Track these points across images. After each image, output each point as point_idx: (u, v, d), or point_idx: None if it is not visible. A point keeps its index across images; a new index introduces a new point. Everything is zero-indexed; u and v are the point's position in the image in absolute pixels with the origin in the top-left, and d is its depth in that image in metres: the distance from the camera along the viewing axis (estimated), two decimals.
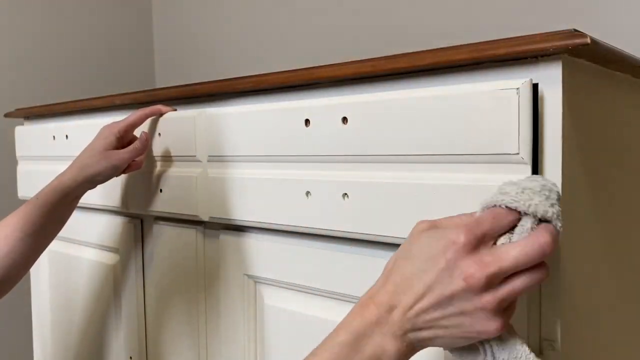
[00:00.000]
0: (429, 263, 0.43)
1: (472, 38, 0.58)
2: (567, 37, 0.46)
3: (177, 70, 1.80)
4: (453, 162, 0.53)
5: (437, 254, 0.43)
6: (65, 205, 0.80)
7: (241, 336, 0.74)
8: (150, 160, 0.86)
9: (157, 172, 0.84)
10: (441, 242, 0.43)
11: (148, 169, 0.86)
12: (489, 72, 0.53)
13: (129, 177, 0.89)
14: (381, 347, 0.43)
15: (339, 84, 0.64)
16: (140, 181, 0.87)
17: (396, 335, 0.43)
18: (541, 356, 0.50)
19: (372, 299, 0.45)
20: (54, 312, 1.14)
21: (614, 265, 0.62)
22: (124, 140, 0.82)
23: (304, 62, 1.30)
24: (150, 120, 0.85)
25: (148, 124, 0.85)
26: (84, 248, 1.04)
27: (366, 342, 0.44)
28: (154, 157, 0.85)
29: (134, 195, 0.89)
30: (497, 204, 0.44)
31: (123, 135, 0.82)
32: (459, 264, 0.42)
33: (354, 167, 0.61)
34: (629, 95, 0.65)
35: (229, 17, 1.63)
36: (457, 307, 0.42)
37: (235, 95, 0.76)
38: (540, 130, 0.49)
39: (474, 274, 0.41)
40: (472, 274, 0.41)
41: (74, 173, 0.79)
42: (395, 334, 0.43)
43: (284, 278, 0.69)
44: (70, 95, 1.56)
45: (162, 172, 0.83)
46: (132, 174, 0.88)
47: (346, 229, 0.61)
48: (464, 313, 0.42)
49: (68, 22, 1.63)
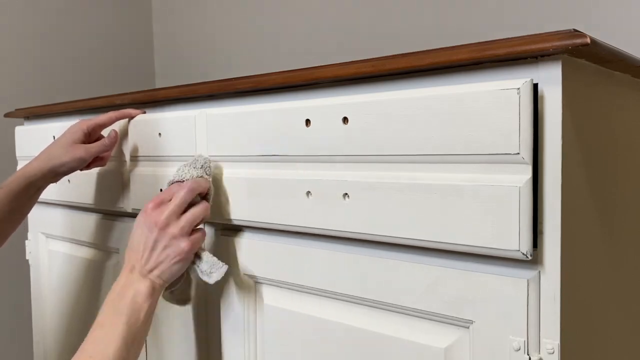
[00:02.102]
0: (139, 232, 0.67)
1: (472, 38, 0.58)
2: (567, 37, 0.46)
3: (177, 70, 1.80)
4: (453, 162, 0.53)
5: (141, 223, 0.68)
6: (28, 195, 0.84)
7: (241, 336, 0.74)
8: (151, 160, 0.86)
9: (157, 172, 0.84)
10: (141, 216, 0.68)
11: (148, 169, 0.86)
12: (489, 72, 0.53)
13: (130, 177, 0.89)
14: (135, 289, 0.65)
15: (340, 84, 0.64)
16: (140, 181, 0.87)
17: (141, 279, 0.66)
18: (541, 357, 0.50)
19: (122, 271, 0.67)
20: (54, 312, 1.14)
21: (614, 265, 0.62)
22: (91, 138, 0.87)
23: (304, 62, 1.30)
24: (122, 122, 0.88)
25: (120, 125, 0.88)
26: (84, 248, 1.04)
27: (125, 291, 0.65)
28: (154, 157, 0.85)
29: (134, 195, 0.88)
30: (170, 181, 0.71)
31: (91, 132, 0.86)
32: (149, 220, 0.66)
33: (354, 167, 0.61)
34: (628, 95, 0.65)
35: (229, 17, 1.63)
36: (162, 245, 0.66)
37: (235, 95, 0.76)
38: (540, 130, 0.49)
39: (157, 218, 0.66)
40: (156, 219, 0.66)
41: (40, 163, 0.83)
42: (140, 279, 0.66)
43: (284, 278, 0.69)
44: (70, 95, 1.56)
45: (162, 172, 0.83)
46: (133, 174, 0.88)
47: (346, 229, 0.61)
48: (167, 246, 0.66)
49: (68, 22, 1.63)
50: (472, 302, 0.53)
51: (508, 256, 0.50)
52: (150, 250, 0.66)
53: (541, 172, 0.49)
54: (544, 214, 0.49)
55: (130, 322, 0.63)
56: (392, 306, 0.59)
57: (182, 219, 0.67)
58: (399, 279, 0.58)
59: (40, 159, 0.83)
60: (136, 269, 0.66)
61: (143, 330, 0.65)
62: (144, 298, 0.65)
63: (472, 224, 0.51)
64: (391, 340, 0.59)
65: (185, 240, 0.66)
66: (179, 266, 0.67)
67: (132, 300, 0.64)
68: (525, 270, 0.50)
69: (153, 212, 0.67)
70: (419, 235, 0.55)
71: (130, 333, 0.62)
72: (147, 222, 0.67)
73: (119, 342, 0.61)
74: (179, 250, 0.66)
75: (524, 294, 0.50)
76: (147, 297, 0.65)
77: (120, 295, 0.65)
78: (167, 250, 0.66)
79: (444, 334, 0.56)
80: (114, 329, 0.62)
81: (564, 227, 0.49)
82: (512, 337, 0.51)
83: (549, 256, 0.49)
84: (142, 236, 0.67)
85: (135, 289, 0.65)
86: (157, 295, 0.66)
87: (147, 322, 0.65)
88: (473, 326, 0.53)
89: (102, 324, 0.63)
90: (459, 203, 0.52)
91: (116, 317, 0.63)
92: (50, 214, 1.11)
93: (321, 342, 0.66)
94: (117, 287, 0.66)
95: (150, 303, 0.65)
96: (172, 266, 0.66)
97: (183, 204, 0.67)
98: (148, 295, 0.65)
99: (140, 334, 0.64)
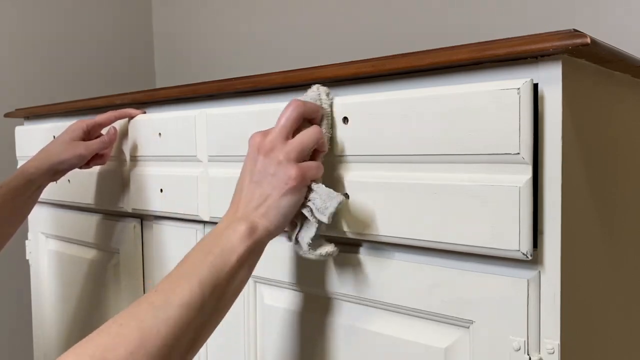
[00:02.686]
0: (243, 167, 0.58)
1: (472, 38, 0.58)
2: (567, 37, 0.46)
3: (177, 70, 1.80)
4: (453, 162, 0.53)
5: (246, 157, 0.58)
6: (27, 194, 0.83)
7: (241, 336, 0.74)
8: (151, 160, 0.86)
9: (157, 172, 0.84)
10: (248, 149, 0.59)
11: (148, 169, 0.86)
12: (489, 72, 0.53)
13: (130, 177, 0.89)
14: (233, 229, 0.53)
15: (339, 84, 0.64)
16: (140, 181, 0.87)
17: (242, 220, 0.54)
18: (541, 357, 0.50)
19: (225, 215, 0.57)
20: (53, 312, 1.14)
21: (614, 265, 0.62)
22: (90, 136, 0.87)
23: (304, 62, 1.30)
24: (122, 122, 0.88)
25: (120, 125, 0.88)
26: (84, 248, 1.04)
27: (220, 232, 0.54)
28: (154, 157, 0.85)
29: (134, 195, 0.89)
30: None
31: (90, 131, 0.86)
32: (252, 149, 0.57)
33: (354, 167, 0.61)
34: (628, 95, 0.65)
35: (229, 17, 1.63)
36: (267, 174, 0.55)
37: (235, 95, 0.76)
38: (540, 130, 0.49)
39: (260, 144, 0.56)
40: (260, 145, 0.56)
41: (39, 161, 0.83)
42: (241, 220, 0.54)
43: (284, 278, 0.69)
44: (70, 95, 1.56)
45: (162, 172, 0.83)
46: (133, 174, 0.88)
47: (346, 229, 0.61)
48: (273, 174, 0.55)
49: (68, 22, 1.63)
50: (472, 302, 0.53)
51: (508, 256, 0.50)
52: (255, 184, 0.56)
53: (541, 172, 0.49)
54: (544, 214, 0.49)
55: (215, 263, 0.51)
56: (392, 306, 0.59)
57: (288, 144, 0.56)
58: (399, 279, 0.58)
59: (40, 157, 0.83)
60: (239, 209, 0.56)
61: (232, 278, 0.52)
62: (241, 238, 0.53)
63: (472, 224, 0.51)
64: (391, 340, 0.59)
65: (293, 166, 0.55)
66: (287, 200, 0.55)
67: (225, 240, 0.53)
68: (525, 270, 0.50)
69: (257, 138, 0.57)
70: (419, 235, 0.55)
71: (212, 277, 0.50)
72: (250, 152, 0.57)
73: (193, 285, 0.49)
74: (286, 178, 0.54)
75: (524, 294, 0.50)
76: (245, 237, 0.53)
77: (212, 236, 0.54)
78: (273, 181, 0.55)
79: (444, 334, 0.56)
80: (192, 269, 0.50)
81: (564, 227, 0.49)
82: (512, 337, 0.50)
83: (549, 256, 0.49)
84: (245, 170, 0.57)
85: (233, 228, 0.54)
86: (259, 238, 0.54)
87: (240, 270, 0.52)
88: (473, 326, 0.53)
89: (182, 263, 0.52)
90: (459, 203, 0.52)
91: (200, 255, 0.52)
92: (50, 214, 1.11)
93: (321, 342, 0.66)
94: (213, 230, 0.55)
95: (248, 246, 0.53)
96: (279, 200, 0.55)
97: (288, 124, 0.56)
98: (246, 235, 0.53)
99: (227, 282, 0.51)
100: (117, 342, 0.44)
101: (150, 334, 0.45)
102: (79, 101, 1.03)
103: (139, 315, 0.46)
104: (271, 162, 0.55)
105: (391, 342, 0.59)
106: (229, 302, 0.53)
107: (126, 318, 0.46)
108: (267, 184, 0.55)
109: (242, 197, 0.56)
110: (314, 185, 0.57)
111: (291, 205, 0.56)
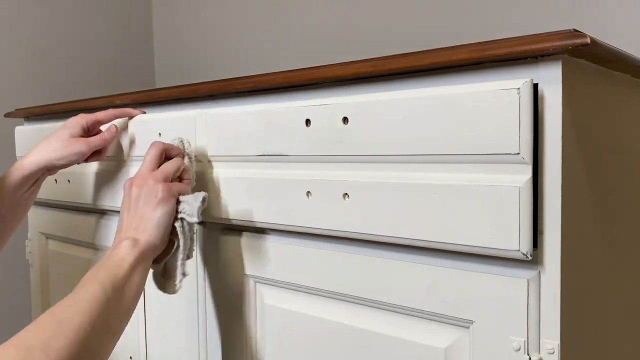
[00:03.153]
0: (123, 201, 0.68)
1: (472, 38, 0.58)
2: (567, 37, 0.46)
3: (177, 70, 1.80)
4: (453, 162, 0.53)
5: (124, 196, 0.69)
6: (24, 189, 0.82)
7: (241, 336, 0.74)
8: None
9: None
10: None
11: None
12: (489, 72, 0.53)
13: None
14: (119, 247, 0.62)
15: (339, 84, 0.64)
16: None
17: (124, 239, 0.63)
18: (541, 357, 0.50)
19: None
20: None
21: (614, 265, 0.62)
22: (89, 133, 0.86)
23: (304, 62, 1.30)
24: (122, 122, 0.87)
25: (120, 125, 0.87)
26: (84, 248, 1.04)
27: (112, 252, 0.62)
28: None
29: None
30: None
31: (90, 127, 0.86)
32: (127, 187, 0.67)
33: (354, 167, 0.61)
34: (628, 95, 0.65)
35: (229, 17, 1.63)
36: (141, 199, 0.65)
37: (235, 95, 0.76)
38: (540, 130, 0.49)
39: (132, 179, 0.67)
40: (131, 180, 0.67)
41: (36, 157, 0.81)
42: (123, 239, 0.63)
43: (284, 278, 0.69)
44: (70, 95, 1.56)
45: None
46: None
47: (347, 229, 0.61)
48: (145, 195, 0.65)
49: (68, 22, 1.63)
50: (472, 302, 0.53)
51: (508, 256, 0.50)
52: (132, 211, 0.66)
53: (541, 172, 0.49)
54: (544, 214, 0.49)
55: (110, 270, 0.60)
56: (392, 306, 0.59)
57: (155, 172, 0.67)
58: (399, 279, 0.58)
59: (37, 153, 0.82)
60: (122, 235, 0.65)
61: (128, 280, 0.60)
62: (127, 250, 0.61)
63: (472, 224, 0.51)
64: (391, 340, 0.59)
65: (160, 183, 0.66)
66: (159, 211, 0.65)
67: (114, 256, 0.61)
68: (525, 270, 0.50)
69: (129, 180, 0.68)
70: (419, 235, 0.55)
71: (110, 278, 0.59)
72: (126, 191, 0.67)
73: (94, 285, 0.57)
74: (155, 192, 0.65)
75: (524, 294, 0.50)
76: (130, 248, 0.62)
77: (103, 258, 0.62)
78: (146, 200, 0.65)
79: (444, 334, 0.56)
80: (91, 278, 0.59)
81: (564, 227, 0.49)
82: (512, 337, 0.50)
83: (549, 256, 0.49)
84: (123, 207, 0.67)
85: (118, 247, 0.62)
86: (143, 248, 0.63)
87: (134, 274, 0.61)
88: (473, 326, 0.53)
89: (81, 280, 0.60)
90: (459, 203, 0.52)
91: (94, 270, 0.60)
92: (50, 214, 1.11)
93: (321, 342, 0.66)
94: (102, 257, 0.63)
95: (135, 255, 0.62)
96: (153, 213, 0.64)
97: (153, 160, 0.68)
98: (130, 246, 0.62)
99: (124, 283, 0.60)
100: (37, 329, 0.52)
101: (66, 322, 0.53)
102: (79, 101, 1.03)
103: (54, 313, 0.55)
104: (142, 188, 0.66)
105: (391, 342, 0.59)
106: (132, 300, 0.61)
107: (43, 317, 0.54)
108: (141, 205, 0.65)
109: (122, 226, 0.66)
110: (181, 197, 0.67)
111: (164, 215, 0.65)
